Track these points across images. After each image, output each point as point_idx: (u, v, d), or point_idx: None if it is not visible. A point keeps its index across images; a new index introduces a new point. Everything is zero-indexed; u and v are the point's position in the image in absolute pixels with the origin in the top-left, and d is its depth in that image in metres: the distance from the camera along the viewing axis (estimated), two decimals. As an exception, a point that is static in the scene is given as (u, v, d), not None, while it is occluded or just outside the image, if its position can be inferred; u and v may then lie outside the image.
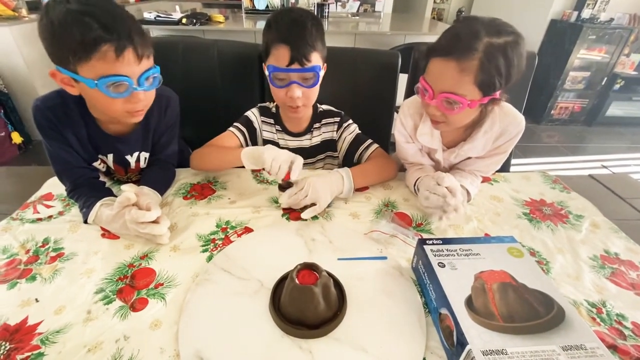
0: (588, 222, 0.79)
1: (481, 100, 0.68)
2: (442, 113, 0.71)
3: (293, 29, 0.78)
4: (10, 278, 0.60)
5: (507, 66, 0.64)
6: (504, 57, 0.64)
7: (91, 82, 0.60)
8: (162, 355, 0.48)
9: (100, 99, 0.64)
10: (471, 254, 0.58)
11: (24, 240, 0.68)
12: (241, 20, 2.94)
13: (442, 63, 0.67)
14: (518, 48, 0.64)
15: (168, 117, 0.84)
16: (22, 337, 0.50)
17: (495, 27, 0.65)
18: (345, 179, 0.80)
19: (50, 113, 0.71)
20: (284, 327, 0.51)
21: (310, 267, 0.54)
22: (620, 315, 0.58)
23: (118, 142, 0.79)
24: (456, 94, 0.67)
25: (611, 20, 2.95)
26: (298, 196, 0.74)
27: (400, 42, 2.49)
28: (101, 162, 0.82)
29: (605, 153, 2.88)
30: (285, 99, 0.84)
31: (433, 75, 0.70)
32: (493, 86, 0.66)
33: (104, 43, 0.58)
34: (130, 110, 0.68)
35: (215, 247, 0.68)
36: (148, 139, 0.83)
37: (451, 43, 0.66)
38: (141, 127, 0.80)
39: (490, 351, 0.43)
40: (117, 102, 0.65)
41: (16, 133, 2.43)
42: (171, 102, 0.84)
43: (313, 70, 0.80)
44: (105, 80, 0.60)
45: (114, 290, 0.58)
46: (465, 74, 0.65)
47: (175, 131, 0.88)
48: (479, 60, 0.63)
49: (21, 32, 2.30)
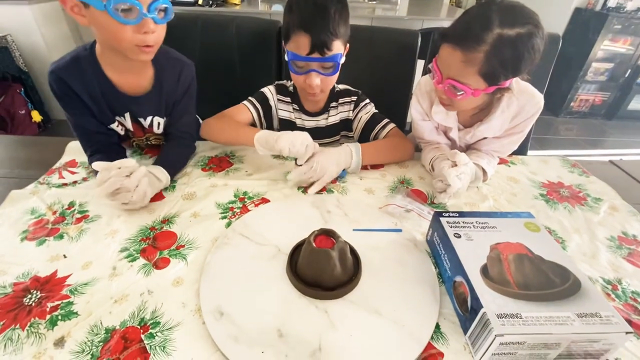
0: (607, 205, 0.78)
1: (486, 90, 0.68)
2: (447, 97, 0.72)
3: (315, 15, 0.75)
4: (38, 236, 0.63)
5: (516, 59, 0.64)
6: (513, 50, 0.62)
7: (99, 4, 0.58)
8: (185, 309, 0.50)
9: (110, 27, 0.62)
10: (487, 227, 0.58)
11: (51, 202, 0.71)
12: (257, 2, 2.92)
13: (450, 51, 0.67)
14: (531, 41, 0.62)
15: (182, 82, 0.82)
16: (52, 287, 0.53)
17: (511, 15, 0.62)
18: (354, 154, 0.81)
19: (64, 73, 0.71)
20: (301, 287, 0.53)
21: (327, 232, 0.55)
22: (635, 293, 0.58)
23: (132, 102, 0.78)
24: (461, 82, 0.67)
25: (638, 9, 2.83)
26: (307, 175, 0.75)
27: (417, 28, 2.44)
28: (119, 124, 0.82)
29: (626, 147, 2.80)
30: (304, 85, 0.84)
31: (442, 61, 0.70)
32: (497, 78, 0.66)
33: None
34: (139, 43, 0.65)
35: (234, 215, 0.69)
36: (161, 103, 0.82)
37: (461, 32, 0.66)
38: (154, 89, 0.79)
39: (504, 314, 0.44)
40: (127, 30, 0.63)
41: (36, 112, 2.49)
42: (185, 67, 0.82)
43: (333, 59, 0.79)
44: (114, 1, 0.58)
45: (138, 250, 0.60)
46: (470, 65, 0.65)
47: (191, 100, 0.86)
48: (485, 52, 0.63)
49: (41, 11, 2.33)
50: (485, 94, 0.71)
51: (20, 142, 0.99)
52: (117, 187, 0.63)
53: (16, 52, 2.32)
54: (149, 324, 0.48)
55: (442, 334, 0.49)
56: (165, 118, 0.85)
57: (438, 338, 0.49)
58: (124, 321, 0.49)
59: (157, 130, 0.86)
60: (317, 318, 0.50)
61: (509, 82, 0.70)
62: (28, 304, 0.50)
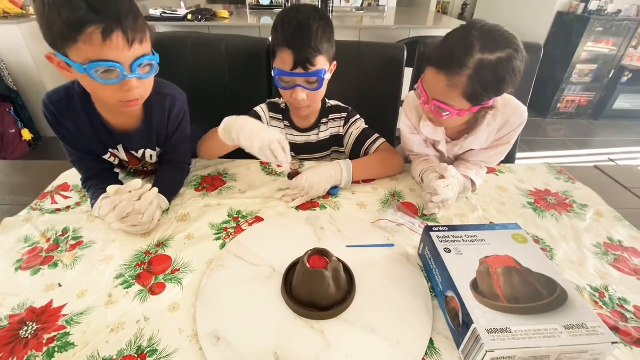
0: (592, 211, 0.80)
1: (470, 110, 0.71)
2: (434, 116, 0.75)
3: (298, 33, 0.78)
4: (33, 265, 0.63)
5: (497, 82, 0.67)
6: (494, 73, 0.65)
7: (80, 67, 0.58)
8: (181, 335, 0.51)
9: (92, 86, 0.62)
10: (476, 240, 0.60)
11: (45, 229, 0.71)
12: (246, 15, 2.95)
13: (434, 74, 0.70)
14: (511, 64, 0.65)
15: (174, 117, 0.81)
16: (48, 319, 0.53)
17: (492, 40, 0.65)
18: (344, 171, 0.82)
19: (55, 108, 0.71)
20: (296, 309, 0.53)
21: (321, 252, 0.56)
22: (622, 300, 0.59)
23: (122, 137, 0.79)
24: (446, 104, 0.70)
25: (619, 12, 2.92)
26: (294, 192, 0.79)
27: (405, 36, 2.49)
28: (112, 156, 0.82)
29: (613, 146, 2.86)
30: (292, 100, 0.86)
31: (427, 83, 0.73)
32: (481, 99, 0.69)
33: (89, 24, 0.55)
34: (123, 100, 0.64)
35: (228, 235, 0.70)
36: (152, 138, 0.82)
37: (444, 57, 0.69)
38: (143, 125, 0.79)
39: (494, 329, 0.45)
40: (109, 89, 0.62)
41: (26, 130, 2.47)
42: (177, 101, 0.81)
43: (317, 74, 0.81)
44: (93, 65, 0.57)
45: (133, 276, 0.60)
46: (454, 89, 0.68)
47: (185, 131, 0.86)
48: (468, 77, 0.65)
49: (29, 30, 2.33)
50: (470, 113, 0.73)
51: (12, 167, 0.98)
52: (129, 211, 0.64)
53: (5, 71, 2.32)
54: (146, 351, 0.49)
55: (436, 350, 0.50)
56: (158, 150, 0.86)
57: (432, 353, 0.50)
58: (121, 350, 0.49)
59: (150, 161, 0.87)
60: (313, 339, 0.51)
61: (493, 101, 0.72)
62: (24, 337, 0.50)
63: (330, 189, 0.82)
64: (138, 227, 0.67)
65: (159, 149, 0.86)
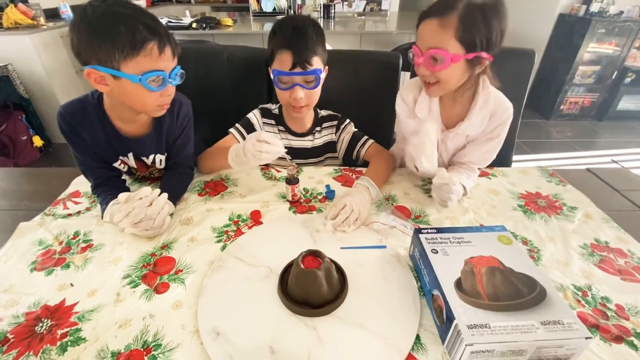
0: (581, 213, 0.83)
1: (465, 56, 0.74)
2: (431, 72, 0.78)
3: (295, 35, 0.85)
4: (47, 266, 0.67)
5: (486, 25, 0.72)
6: (483, 16, 0.71)
7: (135, 78, 0.67)
8: (184, 331, 0.55)
9: (138, 94, 0.71)
10: (463, 242, 0.62)
11: (57, 233, 0.75)
12: (249, 23, 3.01)
13: (426, 23, 0.75)
14: (497, 11, 0.72)
15: (181, 120, 0.89)
16: (61, 315, 0.57)
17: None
18: (370, 189, 0.82)
19: (71, 118, 0.78)
20: (291, 307, 0.57)
21: (314, 253, 0.60)
22: (605, 298, 0.62)
23: (133, 144, 0.85)
24: (439, 48, 0.74)
25: (621, 13, 2.92)
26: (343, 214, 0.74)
27: (406, 41, 2.52)
28: (121, 163, 0.88)
29: (617, 148, 2.85)
30: (289, 100, 0.91)
31: (420, 37, 0.78)
32: (474, 43, 0.73)
33: (150, 41, 0.66)
34: (161, 104, 0.75)
35: (228, 238, 0.74)
36: (162, 142, 0.88)
37: (434, 5, 0.75)
38: (154, 130, 0.86)
39: (474, 325, 0.48)
40: (152, 96, 0.72)
41: (37, 137, 2.56)
42: (183, 106, 0.89)
43: (314, 73, 0.87)
44: (148, 75, 0.68)
45: (139, 276, 0.64)
46: (446, 29, 0.73)
47: (189, 135, 0.92)
48: (458, 16, 0.71)
49: (40, 40, 2.42)
50: (465, 65, 0.76)
51: (25, 175, 1.04)
52: (142, 217, 0.69)
53: (17, 80, 2.40)
54: (152, 346, 0.53)
55: (422, 345, 0.53)
56: (166, 154, 0.91)
57: (418, 348, 0.53)
58: (129, 344, 0.53)
59: (159, 166, 0.92)
60: (307, 335, 0.54)
61: (486, 57, 0.75)
62: (40, 332, 0.55)
63: (326, 193, 0.86)
64: (150, 231, 0.72)
65: (167, 153, 0.91)
